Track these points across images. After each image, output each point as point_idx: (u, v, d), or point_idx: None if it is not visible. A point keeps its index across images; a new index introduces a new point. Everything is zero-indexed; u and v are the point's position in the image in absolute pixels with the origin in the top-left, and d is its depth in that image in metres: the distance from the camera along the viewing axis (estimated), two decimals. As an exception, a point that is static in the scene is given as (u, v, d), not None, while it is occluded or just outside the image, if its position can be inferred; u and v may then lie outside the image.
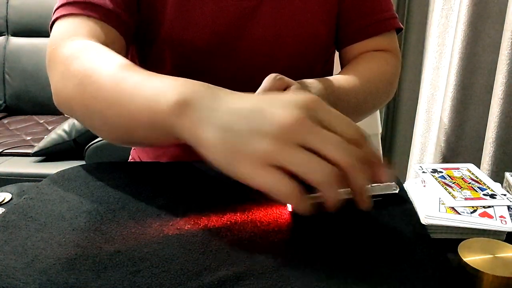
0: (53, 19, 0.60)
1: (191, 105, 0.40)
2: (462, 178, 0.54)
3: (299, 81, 0.56)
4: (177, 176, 0.54)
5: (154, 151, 0.77)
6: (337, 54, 0.80)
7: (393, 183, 0.49)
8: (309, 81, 0.59)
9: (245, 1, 0.67)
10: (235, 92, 0.41)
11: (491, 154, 1.11)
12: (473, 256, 0.39)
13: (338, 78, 0.65)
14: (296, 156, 0.35)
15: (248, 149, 0.36)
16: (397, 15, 0.75)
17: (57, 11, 0.59)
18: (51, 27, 0.60)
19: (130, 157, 0.84)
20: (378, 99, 0.72)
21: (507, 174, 0.55)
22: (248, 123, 0.37)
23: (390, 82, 0.74)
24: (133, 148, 0.84)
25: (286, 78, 0.53)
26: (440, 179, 0.54)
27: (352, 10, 0.72)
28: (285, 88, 0.54)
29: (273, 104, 0.37)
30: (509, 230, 0.44)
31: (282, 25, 0.69)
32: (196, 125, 0.39)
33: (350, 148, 0.36)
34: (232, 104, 0.39)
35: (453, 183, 0.53)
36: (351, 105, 0.65)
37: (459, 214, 0.46)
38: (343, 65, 0.76)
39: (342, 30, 0.74)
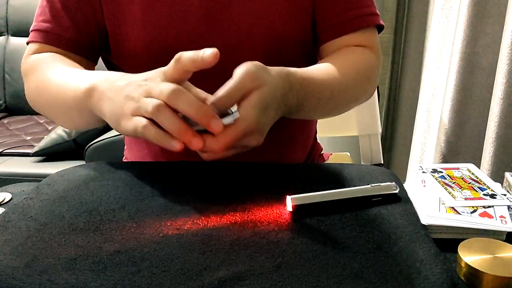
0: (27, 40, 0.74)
1: (94, 89, 0.55)
2: (462, 178, 0.54)
3: (262, 66, 0.54)
4: (177, 176, 0.54)
5: (139, 151, 0.78)
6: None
7: (393, 183, 0.49)
8: (273, 69, 0.56)
9: (212, 1, 0.67)
10: (123, 75, 0.54)
11: (491, 154, 1.11)
12: (473, 256, 0.39)
13: (312, 69, 0.63)
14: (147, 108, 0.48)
15: (123, 110, 0.50)
16: (377, 12, 0.73)
17: (29, 35, 0.73)
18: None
19: (123, 157, 0.85)
20: (355, 93, 0.71)
21: (507, 174, 0.55)
22: (123, 94, 0.51)
23: (368, 77, 0.72)
24: (125, 148, 0.85)
25: (260, 75, 0.52)
26: (440, 179, 0.54)
27: (328, 6, 0.71)
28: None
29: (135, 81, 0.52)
30: (509, 230, 0.44)
31: (250, 25, 0.68)
32: (98, 102, 0.54)
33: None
34: (116, 84, 0.53)
35: (453, 183, 0.53)
36: (324, 96, 0.63)
37: (459, 214, 0.46)
38: (320, 59, 0.75)
39: (318, 26, 0.73)
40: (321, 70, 0.65)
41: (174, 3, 0.67)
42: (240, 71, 0.52)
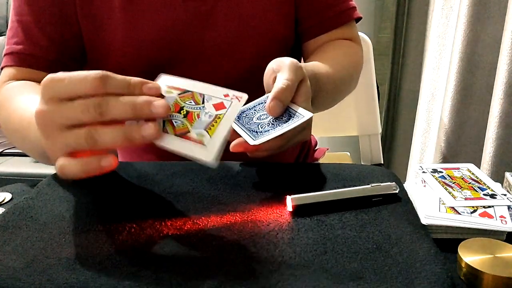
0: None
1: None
2: (462, 178, 0.54)
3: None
4: (177, 176, 0.54)
5: (136, 149, 0.78)
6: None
7: (393, 183, 0.49)
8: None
9: (197, 6, 0.66)
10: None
11: (491, 154, 1.11)
12: (473, 256, 0.39)
13: (317, 64, 0.65)
14: (66, 138, 0.39)
15: (49, 153, 0.42)
16: (355, 4, 0.77)
17: (3, 60, 0.68)
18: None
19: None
20: (350, 85, 0.75)
21: (507, 174, 0.55)
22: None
23: (358, 68, 0.77)
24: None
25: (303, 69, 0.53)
26: (440, 179, 0.54)
27: (310, 3, 0.73)
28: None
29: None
30: (509, 230, 0.44)
31: (238, 27, 0.68)
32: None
33: (92, 101, 0.38)
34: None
35: (453, 183, 0.53)
36: (329, 90, 0.66)
37: (459, 214, 0.46)
38: (306, 56, 0.77)
39: (302, 24, 0.74)
40: (324, 64, 0.66)
41: (157, 13, 0.66)
42: (286, 63, 0.52)
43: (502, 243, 0.41)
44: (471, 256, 0.39)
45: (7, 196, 0.55)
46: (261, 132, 0.49)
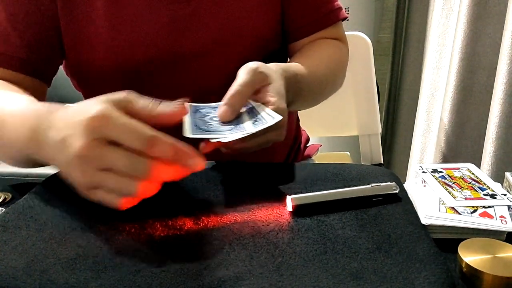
0: None
1: (38, 142, 0.46)
2: (462, 178, 0.54)
3: (263, 64, 0.55)
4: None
5: None
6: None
7: (393, 183, 0.49)
8: (271, 65, 0.58)
9: (181, 8, 0.66)
10: (61, 117, 0.44)
11: (491, 154, 1.11)
12: (473, 256, 0.39)
13: (301, 64, 0.65)
14: (100, 180, 0.40)
15: (73, 179, 0.42)
16: (341, 5, 0.77)
17: None
18: None
19: None
20: (335, 84, 0.76)
21: (507, 174, 0.55)
22: (62, 155, 0.42)
23: (344, 67, 0.78)
24: None
25: (264, 70, 0.54)
26: (440, 179, 0.54)
27: (297, 5, 0.72)
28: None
29: (70, 131, 0.41)
30: (509, 230, 0.45)
31: (222, 28, 0.68)
32: (48, 159, 0.46)
33: (136, 162, 0.39)
34: (53, 136, 0.44)
35: (453, 183, 0.53)
36: (312, 90, 0.66)
37: (459, 214, 0.46)
38: (291, 56, 0.77)
39: (289, 25, 0.74)
40: (308, 64, 0.66)
41: (139, 19, 0.65)
42: (243, 69, 0.53)
43: (502, 243, 0.41)
44: (471, 256, 0.39)
45: (7, 196, 0.55)
46: (202, 130, 0.49)
